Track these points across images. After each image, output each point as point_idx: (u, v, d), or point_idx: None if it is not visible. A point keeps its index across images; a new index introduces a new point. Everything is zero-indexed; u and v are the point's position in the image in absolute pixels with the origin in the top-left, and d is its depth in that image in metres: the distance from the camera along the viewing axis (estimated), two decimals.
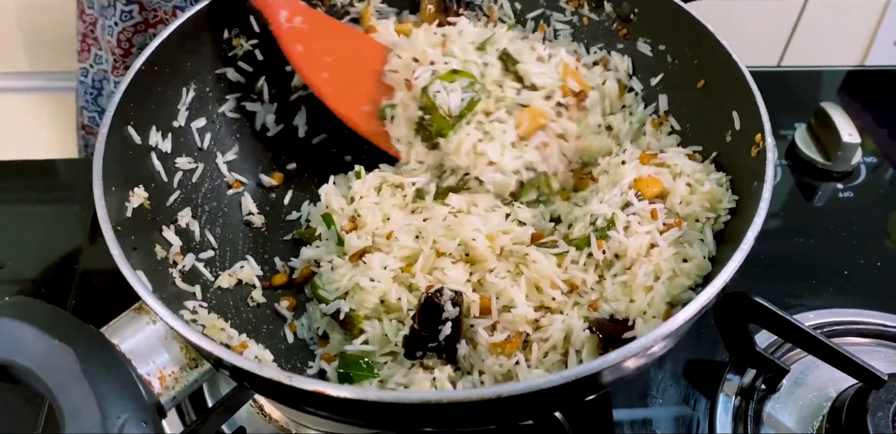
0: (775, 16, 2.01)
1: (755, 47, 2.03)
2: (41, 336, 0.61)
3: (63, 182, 1.24)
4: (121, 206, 0.76)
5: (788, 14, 1.99)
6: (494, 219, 0.84)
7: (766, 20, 2.03)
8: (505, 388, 0.60)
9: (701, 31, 0.87)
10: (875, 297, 1.02)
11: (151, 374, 0.63)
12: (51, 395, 0.59)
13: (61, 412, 0.58)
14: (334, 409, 0.64)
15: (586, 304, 0.79)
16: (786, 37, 2.05)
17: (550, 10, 1.02)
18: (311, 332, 0.87)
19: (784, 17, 2.01)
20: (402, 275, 0.81)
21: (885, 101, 1.36)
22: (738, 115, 0.84)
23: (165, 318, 0.64)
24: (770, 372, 0.90)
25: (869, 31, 2.06)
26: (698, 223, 0.82)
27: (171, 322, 0.64)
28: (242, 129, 0.97)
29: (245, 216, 0.94)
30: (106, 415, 0.57)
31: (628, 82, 0.97)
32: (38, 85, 1.81)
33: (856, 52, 2.11)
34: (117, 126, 0.79)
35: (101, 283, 1.03)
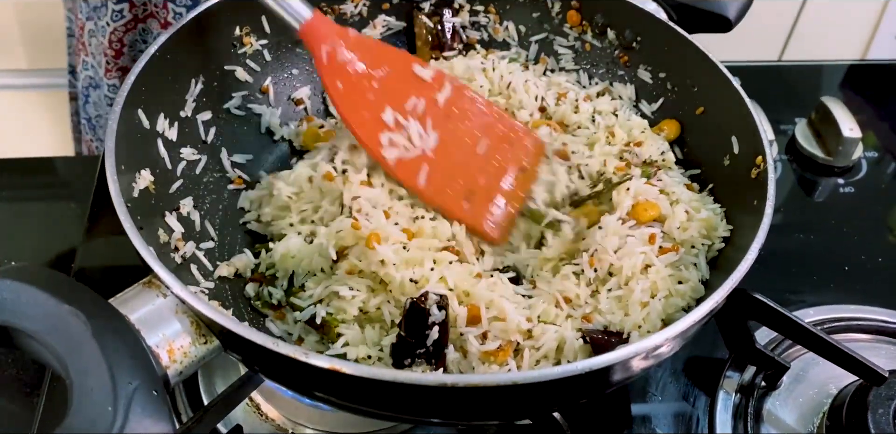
0: (776, 10, 2.07)
1: (756, 42, 2.08)
2: (49, 300, 0.59)
3: (60, 180, 1.21)
4: (128, 186, 0.75)
5: (789, 8, 2.05)
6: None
7: (766, 14, 2.08)
8: (520, 376, 0.60)
9: (702, 59, 0.91)
10: (876, 293, 1.02)
11: (160, 346, 0.61)
12: (58, 360, 0.57)
13: (68, 376, 0.56)
14: (344, 394, 0.62)
15: (580, 316, 0.79)
16: (786, 31, 2.11)
17: (554, 35, 1.05)
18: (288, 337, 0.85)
19: (785, 11, 2.06)
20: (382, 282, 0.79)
21: (887, 95, 1.38)
22: (736, 140, 0.87)
23: (177, 290, 0.63)
24: (770, 369, 0.91)
25: (870, 24, 2.11)
26: (694, 249, 0.85)
27: (183, 295, 0.63)
28: (247, 128, 0.97)
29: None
30: (116, 380, 0.55)
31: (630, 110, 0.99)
32: (36, 82, 1.79)
33: (857, 46, 2.17)
34: (129, 107, 0.79)
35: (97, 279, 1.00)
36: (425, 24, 1.04)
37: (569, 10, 1.02)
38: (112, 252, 1.00)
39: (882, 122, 1.33)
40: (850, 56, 2.21)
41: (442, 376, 0.60)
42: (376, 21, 1.04)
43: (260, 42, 0.97)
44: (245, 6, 0.93)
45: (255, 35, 0.97)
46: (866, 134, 1.33)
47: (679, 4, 0.99)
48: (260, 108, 0.98)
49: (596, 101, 1.01)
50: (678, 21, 0.99)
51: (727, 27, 0.99)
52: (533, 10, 1.04)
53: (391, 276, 0.75)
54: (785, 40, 2.14)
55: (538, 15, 1.05)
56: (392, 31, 1.06)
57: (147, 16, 1.21)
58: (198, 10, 0.88)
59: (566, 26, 1.04)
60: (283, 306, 0.81)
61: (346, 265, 0.77)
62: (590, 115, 0.99)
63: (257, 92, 0.99)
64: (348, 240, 0.78)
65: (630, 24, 0.99)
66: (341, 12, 1.02)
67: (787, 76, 1.43)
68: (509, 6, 1.05)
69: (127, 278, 0.68)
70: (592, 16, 1.01)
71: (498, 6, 1.05)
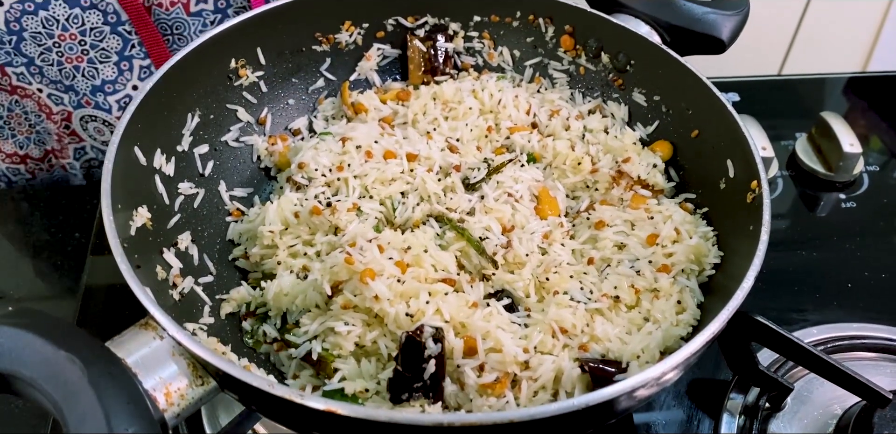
0: (775, 24, 2.06)
1: (756, 56, 2.08)
2: (46, 346, 0.60)
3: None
4: (125, 225, 0.76)
5: (788, 22, 2.05)
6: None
7: (765, 28, 2.08)
8: (517, 414, 0.60)
9: (696, 82, 0.91)
10: (879, 310, 1.02)
11: (157, 390, 0.62)
12: (55, 407, 0.57)
13: (66, 424, 0.56)
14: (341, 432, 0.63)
15: (576, 345, 0.79)
16: (786, 45, 2.10)
17: (548, 59, 1.05)
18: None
19: (784, 24, 2.06)
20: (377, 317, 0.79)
21: (891, 103, 1.39)
22: (732, 164, 0.87)
23: (173, 332, 0.63)
24: (774, 390, 0.91)
25: (869, 37, 2.12)
26: (683, 273, 0.85)
27: (179, 337, 0.63)
28: (244, 160, 0.98)
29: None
30: (113, 426, 0.55)
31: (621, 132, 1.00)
32: None
33: (857, 59, 2.16)
34: (125, 146, 0.79)
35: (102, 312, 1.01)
36: (418, 49, 1.05)
37: (562, 35, 1.03)
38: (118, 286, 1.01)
39: (888, 128, 1.34)
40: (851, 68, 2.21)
41: (438, 416, 0.61)
42: (371, 50, 1.05)
43: (256, 74, 0.98)
44: (240, 38, 0.94)
45: (251, 67, 0.97)
46: (871, 138, 1.33)
47: (672, 27, 0.99)
48: (252, 138, 0.99)
49: (587, 119, 1.01)
50: (671, 43, 0.99)
51: (721, 49, 0.99)
52: (527, 35, 1.05)
53: (386, 312, 0.75)
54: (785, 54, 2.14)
55: (532, 40, 1.05)
56: (388, 59, 1.07)
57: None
58: (193, 44, 0.89)
59: (560, 50, 1.04)
60: (279, 341, 0.82)
61: (342, 300, 0.78)
62: (580, 133, 0.99)
63: (255, 123, 1.00)
64: (342, 275, 0.78)
65: (623, 48, 0.99)
66: (336, 41, 1.03)
67: (787, 90, 1.44)
68: (503, 32, 1.05)
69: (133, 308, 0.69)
70: (586, 40, 1.02)
71: (492, 32, 1.06)
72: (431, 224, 0.89)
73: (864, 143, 1.33)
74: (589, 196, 0.95)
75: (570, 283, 0.84)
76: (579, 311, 0.80)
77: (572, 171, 0.96)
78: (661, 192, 0.94)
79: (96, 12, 1.10)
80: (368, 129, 0.96)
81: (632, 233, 0.88)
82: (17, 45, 1.11)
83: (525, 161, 0.97)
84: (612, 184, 0.94)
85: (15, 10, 1.08)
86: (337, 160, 0.91)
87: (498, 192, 0.91)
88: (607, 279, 0.85)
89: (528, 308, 0.83)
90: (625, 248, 0.87)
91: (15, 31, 1.10)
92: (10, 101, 1.21)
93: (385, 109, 1.02)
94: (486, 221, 0.88)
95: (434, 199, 0.91)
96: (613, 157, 0.95)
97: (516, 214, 0.90)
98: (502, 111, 1.00)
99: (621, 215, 0.90)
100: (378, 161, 0.92)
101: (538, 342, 0.78)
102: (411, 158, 0.93)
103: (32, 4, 1.07)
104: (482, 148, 0.99)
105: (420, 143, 0.96)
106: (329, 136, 0.96)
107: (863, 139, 1.34)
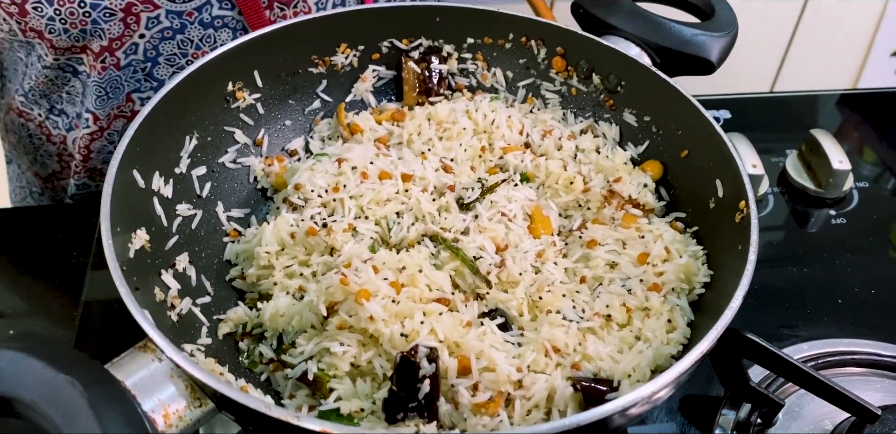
0: (768, 41, 2.09)
1: (748, 74, 2.10)
2: (47, 369, 0.61)
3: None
4: (124, 247, 0.77)
5: (779, 40, 2.07)
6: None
7: (757, 46, 2.12)
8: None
9: (685, 102, 0.93)
10: (869, 326, 1.03)
11: (155, 412, 0.63)
12: (55, 429, 0.58)
13: None
14: None
15: (569, 364, 0.80)
16: (777, 62, 2.13)
17: (540, 80, 1.07)
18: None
19: (775, 43, 2.09)
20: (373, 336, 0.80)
21: (883, 118, 1.40)
22: (720, 184, 0.89)
23: (171, 354, 0.65)
24: (765, 406, 0.91)
25: (860, 54, 2.15)
26: (674, 292, 0.86)
27: (177, 359, 0.64)
28: (241, 181, 0.99)
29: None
30: None
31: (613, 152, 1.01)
32: None
33: (847, 77, 2.19)
34: (124, 168, 0.81)
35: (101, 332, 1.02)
36: (413, 70, 1.07)
37: (554, 57, 1.05)
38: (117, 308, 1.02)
39: (881, 140, 1.36)
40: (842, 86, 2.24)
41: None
42: (367, 72, 1.07)
43: (253, 96, 1.00)
44: (237, 62, 0.96)
45: (248, 89, 0.99)
46: (865, 151, 1.35)
47: (662, 48, 1.01)
48: (249, 159, 1.01)
49: (579, 139, 1.03)
50: (662, 64, 1.01)
51: (710, 70, 1.01)
52: (519, 57, 1.07)
53: (381, 332, 0.77)
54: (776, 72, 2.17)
55: (524, 61, 1.07)
56: (383, 80, 1.09)
57: (112, 119, 1.21)
58: (190, 69, 0.90)
59: (552, 72, 1.06)
60: (275, 361, 0.83)
61: (337, 321, 0.79)
62: (572, 153, 1.01)
63: (252, 145, 1.01)
64: (338, 296, 0.79)
65: (614, 69, 1.01)
66: (332, 63, 1.05)
67: (777, 107, 1.45)
68: (496, 53, 1.07)
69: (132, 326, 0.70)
70: (577, 61, 1.04)
71: (485, 53, 1.08)
72: (426, 244, 0.90)
73: (859, 156, 1.35)
74: (581, 215, 0.97)
75: (563, 302, 0.85)
76: (572, 330, 0.82)
77: (565, 191, 0.97)
78: (651, 211, 0.96)
79: (227, 30, 1.12)
80: (364, 150, 0.98)
81: (623, 252, 0.90)
82: (150, 70, 1.13)
83: (518, 181, 0.98)
84: (604, 203, 0.95)
85: (154, 39, 1.09)
86: (333, 181, 0.93)
87: (492, 212, 0.93)
88: (599, 298, 0.86)
89: (522, 327, 0.84)
90: (616, 267, 0.89)
91: (151, 58, 1.11)
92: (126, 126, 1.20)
93: (380, 130, 1.04)
94: (480, 241, 0.89)
95: (429, 218, 0.92)
96: (605, 177, 0.97)
97: (510, 234, 0.91)
98: (496, 131, 1.02)
99: (613, 234, 0.92)
100: (373, 182, 0.93)
101: (531, 361, 0.79)
102: (406, 179, 0.94)
103: (171, 31, 1.09)
104: (476, 168, 1.00)
105: (415, 163, 0.97)
106: (325, 157, 0.98)
107: (857, 152, 1.36)
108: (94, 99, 1.15)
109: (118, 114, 1.19)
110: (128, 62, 1.11)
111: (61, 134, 1.25)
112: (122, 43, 1.08)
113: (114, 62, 1.10)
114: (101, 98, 1.15)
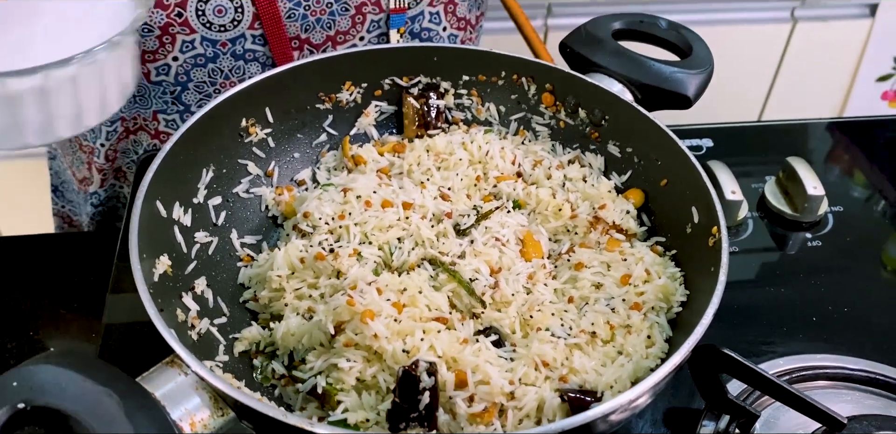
0: (754, 71, 2.14)
1: (737, 103, 2.17)
2: (85, 382, 0.68)
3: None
4: (149, 272, 0.85)
5: (766, 68, 2.13)
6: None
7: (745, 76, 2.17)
8: None
9: (663, 135, 1.01)
10: (840, 342, 1.09)
11: (183, 420, 0.70)
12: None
13: None
14: None
15: (557, 377, 0.87)
16: (765, 91, 2.18)
17: (531, 114, 1.15)
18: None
19: (762, 71, 2.15)
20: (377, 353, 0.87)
21: (869, 146, 1.48)
22: (696, 210, 0.96)
23: (196, 369, 0.72)
24: (742, 418, 0.97)
25: (846, 79, 2.21)
26: (653, 310, 0.93)
27: (202, 373, 0.71)
28: (253, 209, 1.07)
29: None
30: None
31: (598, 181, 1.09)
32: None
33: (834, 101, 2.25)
34: (148, 200, 0.89)
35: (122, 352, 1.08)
36: (413, 106, 1.15)
37: (543, 93, 1.13)
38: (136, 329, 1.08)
39: (870, 163, 1.43)
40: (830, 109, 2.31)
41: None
42: (369, 107, 1.15)
43: (264, 131, 1.08)
44: (250, 100, 1.04)
45: (260, 125, 1.07)
46: (855, 174, 1.42)
47: (643, 85, 1.09)
48: (261, 189, 1.08)
49: (567, 169, 1.11)
50: (642, 100, 1.09)
51: (687, 104, 1.09)
52: (511, 93, 1.15)
53: (384, 349, 0.84)
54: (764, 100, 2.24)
55: (516, 96, 1.15)
56: (385, 115, 1.17)
57: (137, 129, 1.30)
58: (207, 107, 0.98)
59: (542, 106, 1.14)
60: (287, 377, 0.90)
61: (344, 339, 0.86)
62: (561, 182, 1.09)
63: (263, 176, 1.09)
64: (344, 315, 0.86)
65: (598, 105, 1.09)
66: (337, 100, 1.13)
67: (758, 136, 1.52)
68: (490, 89, 1.16)
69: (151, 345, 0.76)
70: (565, 97, 1.12)
71: (479, 89, 1.16)
72: (425, 267, 0.97)
73: (850, 179, 1.43)
74: (569, 239, 1.04)
75: (552, 320, 0.92)
76: (560, 346, 0.89)
77: (554, 217, 1.05)
78: (633, 235, 1.03)
79: (256, 64, 1.20)
80: (367, 180, 1.05)
81: (607, 273, 0.97)
82: (179, 94, 1.21)
83: (511, 208, 1.06)
84: (590, 228, 1.03)
85: (187, 63, 1.17)
86: (339, 209, 1.01)
87: (486, 237, 1.00)
88: (585, 316, 0.93)
89: (514, 343, 0.91)
90: (601, 288, 0.96)
91: (181, 83, 1.19)
92: (150, 144, 1.31)
93: (382, 161, 1.12)
94: (476, 264, 0.97)
95: (428, 243, 1.00)
96: (591, 204, 1.04)
97: (503, 257, 0.99)
98: (490, 162, 1.10)
99: (598, 257, 0.99)
100: (377, 209, 1.01)
101: (522, 374, 0.86)
102: (407, 207, 1.02)
103: (203, 58, 1.17)
104: (472, 196, 1.08)
105: (415, 192, 1.05)
106: (331, 187, 1.05)
107: (848, 174, 1.44)
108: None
109: (143, 127, 1.28)
110: (158, 80, 1.18)
111: (89, 145, 1.33)
112: (154, 58, 1.16)
113: (145, 71, 1.18)
114: (129, 102, 1.22)
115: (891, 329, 1.14)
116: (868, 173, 1.43)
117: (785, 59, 2.25)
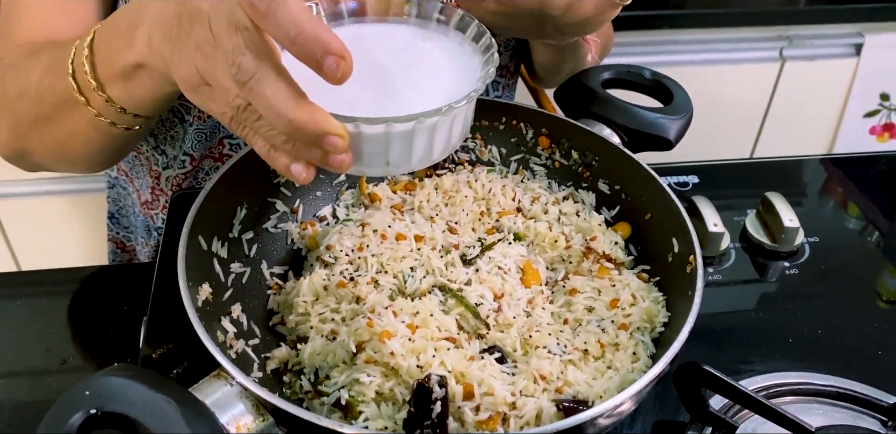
0: (744, 109, 2.23)
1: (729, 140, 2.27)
2: (147, 391, 0.79)
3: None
4: (194, 299, 0.96)
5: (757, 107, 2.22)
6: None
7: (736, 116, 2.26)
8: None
9: (647, 175, 1.13)
10: (813, 361, 1.18)
11: (230, 424, 0.81)
12: None
13: None
14: None
15: (553, 389, 0.97)
16: (756, 128, 2.27)
17: (529, 155, 1.27)
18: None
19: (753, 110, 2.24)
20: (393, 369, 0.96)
21: (861, 180, 1.58)
22: (676, 241, 1.07)
23: (240, 380, 0.83)
24: (723, 429, 1.05)
25: (835, 115, 2.31)
26: (639, 330, 1.04)
27: (245, 383, 0.83)
28: (280, 243, 1.18)
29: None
30: None
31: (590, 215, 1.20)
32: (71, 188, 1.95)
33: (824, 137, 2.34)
34: (191, 235, 1.00)
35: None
36: None
37: (540, 136, 1.25)
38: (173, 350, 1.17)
39: (862, 195, 1.54)
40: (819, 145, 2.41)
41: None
42: None
43: None
44: None
45: None
46: (850, 206, 1.53)
47: (629, 129, 1.21)
48: (287, 225, 1.20)
49: (562, 204, 1.22)
50: (629, 142, 1.21)
51: (668, 146, 1.22)
52: (511, 136, 1.27)
53: (400, 365, 0.94)
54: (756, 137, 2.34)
55: (515, 139, 1.27)
56: None
57: (203, 157, 1.41)
58: (241, 153, 1.10)
59: (539, 148, 1.25)
60: (313, 391, 1.01)
61: (364, 356, 0.96)
62: (556, 216, 1.20)
63: (289, 212, 1.21)
64: (364, 336, 0.97)
65: (589, 147, 1.21)
66: None
67: (743, 172, 1.64)
68: (492, 133, 1.27)
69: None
70: (559, 140, 1.24)
71: (483, 133, 1.27)
72: (436, 293, 1.08)
73: (844, 211, 1.54)
74: (564, 268, 1.15)
75: (549, 340, 1.02)
76: (556, 361, 0.99)
77: (550, 248, 1.16)
78: (622, 264, 1.14)
79: None
80: (382, 216, 1.17)
81: (598, 298, 1.08)
82: None
83: (512, 240, 1.17)
84: (583, 258, 1.14)
85: None
86: (357, 242, 1.12)
87: (490, 266, 1.11)
88: (578, 336, 1.04)
89: (515, 360, 1.01)
90: (593, 311, 1.07)
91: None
92: (212, 167, 1.42)
93: (396, 198, 1.23)
94: (481, 290, 1.07)
95: (437, 272, 1.10)
96: (584, 236, 1.16)
97: (505, 284, 1.09)
98: (492, 198, 1.21)
99: (590, 284, 1.10)
100: (391, 242, 1.12)
101: (523, 387, 0.95)
102: (418, 239, 1.13)
103: None
104: (476, 229, 1.19)
105: (425, 226, 1.15)
106: (350, 222, 1.17)
107: (842, 207, 1.55)
108: (195, 143, 1.35)
109: (208, 154, 1.39)
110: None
111: (157, 170, 1.45)
112: None
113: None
114: (200, 142, 1.34)
115: (859, 349, 1.24)
116: (862, 205, 1.54)
117: (775, 98, 2.35)
